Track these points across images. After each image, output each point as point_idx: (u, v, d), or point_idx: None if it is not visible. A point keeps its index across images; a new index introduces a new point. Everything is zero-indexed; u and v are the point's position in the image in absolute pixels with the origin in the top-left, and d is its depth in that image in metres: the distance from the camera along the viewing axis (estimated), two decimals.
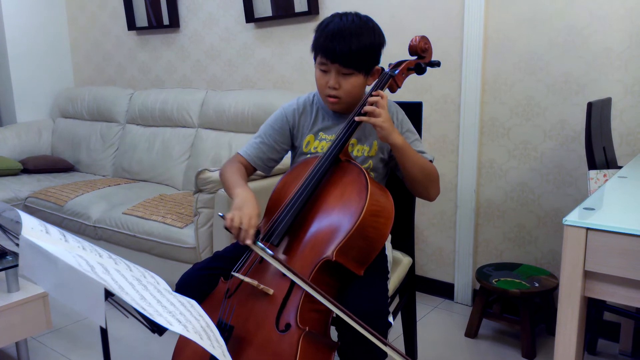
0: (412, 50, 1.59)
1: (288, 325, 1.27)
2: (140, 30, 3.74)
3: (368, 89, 1.58)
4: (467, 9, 2.38)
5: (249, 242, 1.35)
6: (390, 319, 1.40)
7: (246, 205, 1.42)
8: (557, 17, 2.21)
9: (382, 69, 1.59)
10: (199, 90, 3.34)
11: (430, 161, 1.58)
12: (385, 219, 1.42)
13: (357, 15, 1.50)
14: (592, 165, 1.75)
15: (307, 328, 1.25)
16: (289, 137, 1.68)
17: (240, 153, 1.68)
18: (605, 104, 1.98)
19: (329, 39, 1.47)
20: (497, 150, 2.44)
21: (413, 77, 2.58)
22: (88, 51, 4.19)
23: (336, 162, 1.48)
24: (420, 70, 1.59)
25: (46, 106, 4.21)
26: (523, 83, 2.33)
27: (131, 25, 3.74)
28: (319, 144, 1.61)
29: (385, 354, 1.37)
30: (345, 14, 1.50)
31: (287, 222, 1.39)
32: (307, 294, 1.30)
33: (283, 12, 2.97)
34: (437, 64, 1.63)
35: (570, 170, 2.27)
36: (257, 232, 1.39)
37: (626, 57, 2.09)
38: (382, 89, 1.53)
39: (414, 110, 1.89)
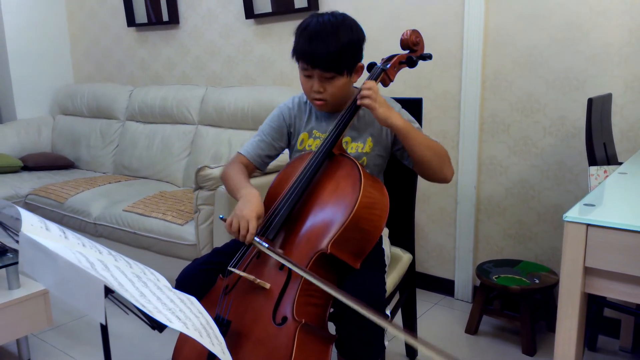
0: (404, 44, 1.63)
1: (285, 319, 1.29)
2: (140, 26, 3.73)
3: (360, 84, 1.59)
4: (467, 5, 2.38)
5: (247, 242, 1.38)
6: (388, 311, 1.40)
7: (247, 207, 1.42)
8: (557, 13, 2.21)
9: (374, 63, 1.62)
10: (199, 87, 3.33)
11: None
12: (380, 211, 1.43)
13: (332, 15, 1.51)
14: (593, 161, 1.75)
15: (303, 320, 1.27)
16: (286, 135, 1.71)
17: (241, 152, 1.70)
18: (606, 99, 1.97)
19: (307, 43, 1.48)
20: (497, 147, 2.44)
21: (413, 73, 2.59)
22: (87, 48, 4.18)
23: (330, 157, 1.49)
24: (412, 64, 1.61)
25: (46, 103, 4.21)
26: (523, 79, 2.33)
27: (130, 21, 3.73)
28: (313, 141, 1.64)
29: (383, 347, 1.38)
30: (321, 15, 1.51)
31: (281, 216, 1.41)
32: (303, 288, 1.31)
33: (283, 8, 2.96)
34: (428, 56, 1.65)
35: (571, 167, 2.27)
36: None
37: (626, 53, 2.08)
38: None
39: (414, 106, 1.89)
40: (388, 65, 1.59)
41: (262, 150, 1.69)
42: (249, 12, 3.09)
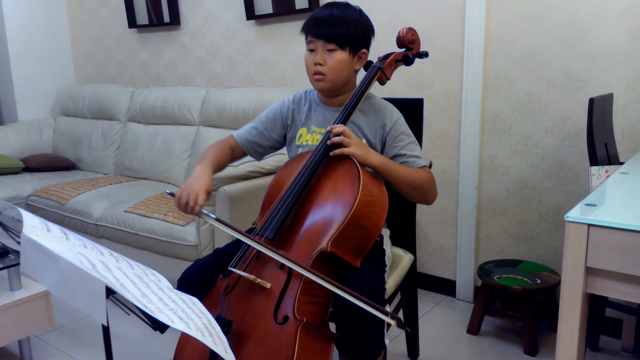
0: (400, 42, 1.65)
1: (286, 318, 1.29)
2: (141, 27, 3.73)
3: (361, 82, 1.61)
4: (468, 4, 2.38)
5: (195, 213, 1.45)
6: (388, 309, 1.40)
7: (196, 182, 1.49)
8: (558, 13, 2.21)
9: (370, 62, 1.65)
10: (200, 88, 3.33)
11: (427, 166, 1.58)
12: (380, 209, 1.44)
13: (347, 5, 1.57)
14: (594, 161, 1.75)
15: (304, 319, 1.27)
16: (281, 128, 1.73)
17: (233, 134, 1.78)
18: (607, 99, 1.97)
19: (316, 20, 1.55)
20: (499, 147, 2.44)
21: (414, 74, 2.59)
22: (89, 49, 4.18)
23: (328, 155, 1.50)
24: (408, 62, 1.64)
25: (47, 104, 4.21)
26: (524, 79, 2.33)
27: (132, 22, 3.74)
28: (312, 136, 1.65)
29: (383, 345, 1.38)
30: (337, 4, 1.57)
31: (281, 215, 1.41)
32: (304, 287, 1.31)
33: (284, 9, 2.97)
34: (425, 54, 1.68)
35: (572, 167, 2.27)
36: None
37: (628, 53, 2.08)
38: (371, 81, 1.59)
39: (415, 107, 1.89)
40: (384, 64, 1.61)
41: (252, 137, 1.74)
42: (250, 13, 3.10)
